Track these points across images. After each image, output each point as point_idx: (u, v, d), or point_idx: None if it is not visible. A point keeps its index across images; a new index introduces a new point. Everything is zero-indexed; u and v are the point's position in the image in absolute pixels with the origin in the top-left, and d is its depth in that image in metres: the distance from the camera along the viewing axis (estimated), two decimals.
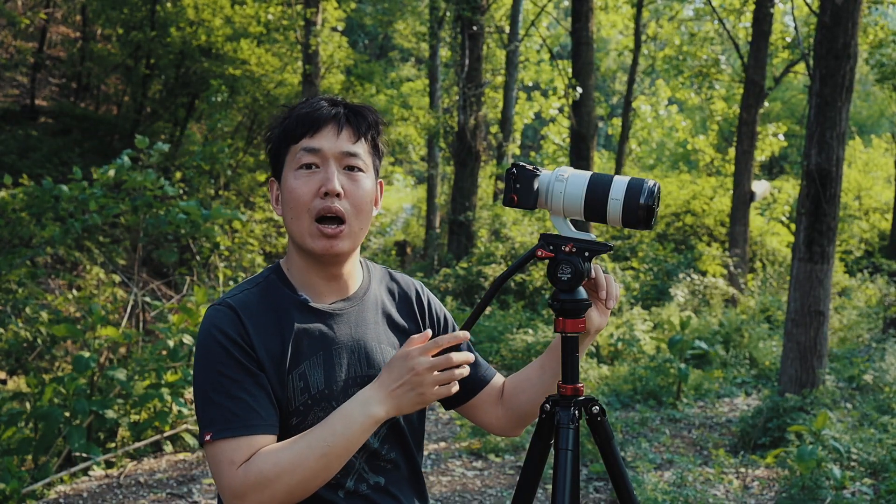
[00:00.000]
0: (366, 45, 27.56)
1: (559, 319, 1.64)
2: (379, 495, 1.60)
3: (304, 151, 1.51)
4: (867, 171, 20.08)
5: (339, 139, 1.52)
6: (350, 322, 1.60)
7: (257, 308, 1.52)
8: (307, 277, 1.59)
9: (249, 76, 14.03)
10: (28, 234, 6.74)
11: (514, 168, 1.59)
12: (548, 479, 4.41)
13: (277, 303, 1.55)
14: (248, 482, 1.38)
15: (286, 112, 1.59)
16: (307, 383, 1.52)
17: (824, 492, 4.29)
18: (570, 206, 1.58)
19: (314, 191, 1.51)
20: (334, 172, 1.51)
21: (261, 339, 1.49)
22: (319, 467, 1.40)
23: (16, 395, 5.26)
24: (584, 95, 9.49)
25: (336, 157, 1.52)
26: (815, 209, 6.08)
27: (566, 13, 22.05)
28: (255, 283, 1.58)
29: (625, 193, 1.54)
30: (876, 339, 9.30)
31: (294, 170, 1.52)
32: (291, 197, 1.52)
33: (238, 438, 1.41)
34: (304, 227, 1.52)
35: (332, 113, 1.53)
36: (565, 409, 1.64)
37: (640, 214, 1.54)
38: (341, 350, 1.57)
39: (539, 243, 1.61)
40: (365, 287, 1.65)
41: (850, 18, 5.99)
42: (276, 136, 1.57)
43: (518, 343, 9.06)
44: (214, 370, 1.46)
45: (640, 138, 20.79)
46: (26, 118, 14.70)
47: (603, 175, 1.58)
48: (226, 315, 1.50)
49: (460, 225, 13.48)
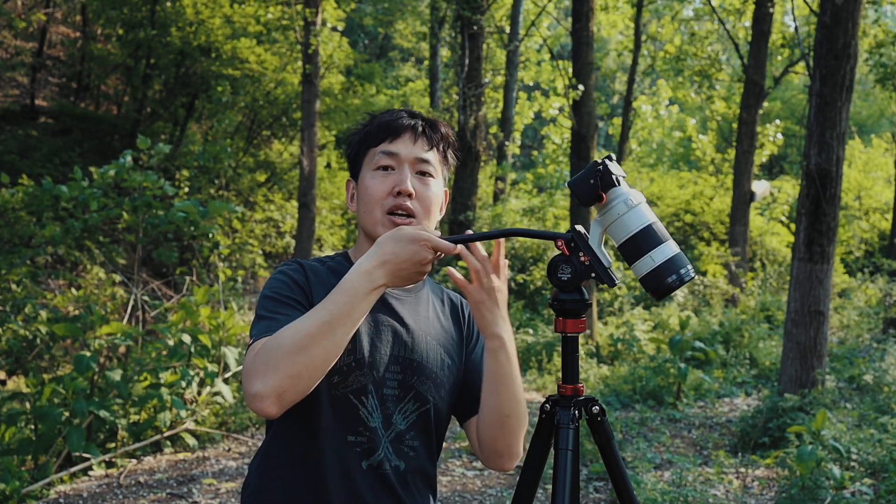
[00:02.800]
0: (366, 45, 27.55)
1: (559, 319, 1.64)
2: (398, 478, 1.65)
3: (383, 154, 1.67)
4: (867, 171, 20.07)
5: (414, 146, 1.68)
6: (404, 308, 1.71)
7: (323, 273, 1.67)
8: None
9: (250, 76, 14.03)
10: (28, 233, 6.74)
11: (601, 166, 1.59)
12: (548, 479, 4.41)
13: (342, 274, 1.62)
14: (256, 358, 1.44)
15: (368, 120, 1.75)
16: (354, 346, 1.61)
17: (824, 492, 4.29)
18: (614, 230, 1.59)
19: (388, 189, 1.65)
20: (408, 175, 1.66)
21: (318, 295, 1.61)
22: (320, 333, 1.43)
23: (16, 395, 5.25)
24: (585, 95, 9.48)
25: (411, 161, 1.67)
26: (815, 209, 6.07)
27: (566, 13, 22.05)
28: (323, 261, 1.73)
29: (662, 262, 1.55)
30: (876, 339, 9.30)
31: (372, 170, 1.67)
32: (367, 193, 1.66)
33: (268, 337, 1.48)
34: (377, 219, 1.65)
35: (411, 123, 1.69)
36: (565, 409, 1.64)
37: (660, 288, 1.55)
38: (391, 328, 1.68)
39: (566, 234, 1.62)
40: (421, 286, 1.78)
41: (851, 18, 5.99)
42: (357, 140, 1.73)
43: (518, 343, 9.07)
44: (269, 297, 1.60)
45: (641, 138, 20.79)
46: (26, 118, 14.70)
47: (660, 230, 1.57)
48: (294, 267, 1.66)
49: (460, 225, 13.48)
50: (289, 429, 1.62)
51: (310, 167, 11.98)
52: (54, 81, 17.04)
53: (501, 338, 1.62)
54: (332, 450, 1.59)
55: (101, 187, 6.30)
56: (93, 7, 14.66)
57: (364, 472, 1.61)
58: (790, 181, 18.87)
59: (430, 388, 1.69)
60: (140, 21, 13.82)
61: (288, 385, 1.41)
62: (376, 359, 1.63)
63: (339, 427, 1.59)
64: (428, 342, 1.71)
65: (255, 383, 1.41)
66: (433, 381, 1.69)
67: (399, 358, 1.66)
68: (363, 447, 1.61)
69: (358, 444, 1.61)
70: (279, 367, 1.41)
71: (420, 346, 1.69)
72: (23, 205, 6.56)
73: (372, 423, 1.61)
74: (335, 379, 1.59)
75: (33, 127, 14.33)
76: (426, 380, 1.68)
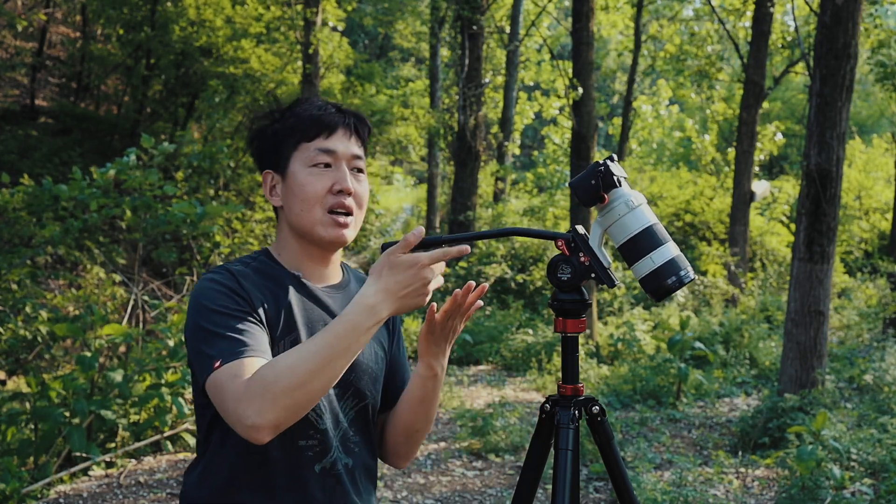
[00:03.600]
0: (366, 45, 27.56)
1: (559, 319, 1.64)
2: (348, 476, 1.66)
3: (320, 151, 1.64)
4: (867, 171, 20.07)
5: (349, 142, 1.67)
6: (337, 304, 1.69)
7: (253, 277, 1.62)
8: (300, 262, 1.68)
9: (250, 76, 14.03)
10: (28, 233, 6.74)
11: (603, 167, 1.59)
12: (548, 479, 4.41)
13: (273, 275, 1.64)
14: (250, 390, 1.40)
15: (282, 110, 1.70)
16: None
17: (824, 492, 4.29)
18: (614, 231, 1.59)
19: (327, 187, 1.63)
20: (346, 172, 1.65)
21: (257, 300, 1.57)
22: (320, 367, 1.41)
23: (16, 395, 5.25)
24: (585, 95, 9.48)
25: (347, 159, 1.66)
26: (815, 209, 6.07)
27: (566, 13, 22.05)
28: (246, 262, 1.67)
29: (662, 264, 1.55)
30: (876, 339, 9.30)
31: (307, 166, 1.64)
32: (304, 191, 1.63)
33: (242, 359, 1.45)
34: (316, 218, 1.63)
35: (344, 120, 1.68)
36: (565, 409, 1.64)
37: (660, 289, 1.55)
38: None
39: (566, 234, 1.62)
40: (347, 280, 1.77)
41: (851, 18, 5.99)
42: (280, 131, 1.67)
43: (518, 343, 9.07)
44: (216, 311, 1.52)
45: (641, 138, 20.79)
46: (26, 118, 14.70)
47: (661, 232, 1.58)
48: (226, 275, 1.59)
49: (460, 225, 13.48)
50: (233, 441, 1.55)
51: None
52: (54, 81, 17.04)
53: (436, 370, 1.68)
54: (283, 457, 1.57)
55: (101, 187, 6.30)
56: (93, 7, 14.66)
57: (317, 475, 1.60)
58: (790, 181, 18.87)
59: (367, 383, 1.70)
60: (140, 21, 13.82)
61: (286, 418, 1.41)
62: None
63: (290, 434, 1.54)
64: None
65: (251, 414, 1.38)
66: (369, 375, 1.70)
67: None
68: (315, 451, 1.60)
69: (309, 448, 1.59)
70: (277, 401, 1.38)
71: None
72: (23, 205, 6.56)
73: (322, 424, 1.60)
74: None
75: (33, 127, 14.33)
76: (363, 375, 1.68)
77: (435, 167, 17.70)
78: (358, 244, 20.15)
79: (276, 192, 1.68)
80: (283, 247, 1.69)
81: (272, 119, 1.69)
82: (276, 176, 1.67)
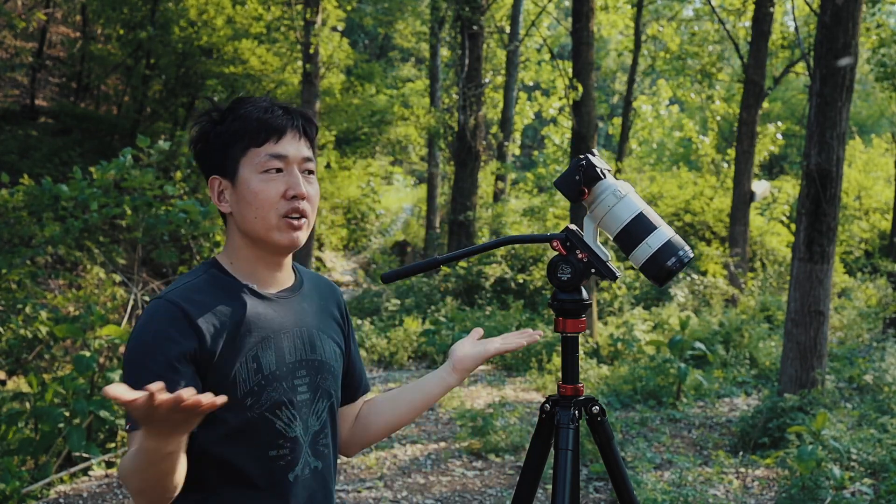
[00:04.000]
0: (366, 45, 27.55)
1: (559, 319, 1.64)
2: (317, 480, 1.67)
3: (270, 157, 1.60)
4: (867, 171, 20.06)
5: (299, 145, 1.64)
6: (294, 309, 1.68)
7: (203, 297, 1.58)
8: (253, 269, 1.66)
9: (251, 76, 14.03)
10: (28, 233, 6.74)
11: (585, 161, 1.59)
12: (548, 479, 4.41)
13: (224, 290, 1.62)
14: (122, 472, 1.46)
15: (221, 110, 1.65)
16: (260, 364, 1.59)
17: (824, 492, 4.29)
18: (607, 223, 1.59)
19: (281, 192, 1.60)
20: (299, 176, 1.62)
21: (207, 328, 1.54)
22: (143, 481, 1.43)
23: (16, 395, 5.25)
24: (585, 95, 9.48)
25: (298, 162, 1.63)
26: (815, 209, 6.07)
27: (566, 13, 22.04)
28: (196, 276, 1.64)
29: (660, 247, 1.55)
30: (876, 339, 9.30)
31: (259, 172, 1.60)
32: (258, 198, 1.60)
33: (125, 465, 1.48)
34: (272, 223, 1.60)
35: (292, 122, 1.64)
36: (565, 409, 1.64)
37: (661, 273, 1.55)
38: (289, 335, 1.65)
39: (560, 234, 1.62)
40: (300, 282, 1.75)
41: (851, 18, 5.99)
42: (225, 134, 1.63)
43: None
44: (142, 365, 1.51)
45: (641, 138, 20.79)
46: (26, 118, 14.70)
47: (653, 216, 1.58)
48: (164, 311, 1.54)
49: (460, 225, 13.48)
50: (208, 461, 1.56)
51: None
52: (54, 81, 17.04)
53: (462, 380, 1.77)
54: (258, 467, 1.58)
55: (101, 187, 6.30)
56: (93, 7, 14.66)
57: (291, 483, 1.61)
58: (790, 181, 18.86)
59: (331, 382, 1.71)
60: (140, 21, 13.82)
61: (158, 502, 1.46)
62: (283, 370, 1.61)
63: (259, 446, 1.57)
64: (321, 337, 1.71)
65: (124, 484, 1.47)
66: (332, 374, 1.71)
67: (303, 362, 1.65)
68: (286, 459, 1.60)
69: (281, 458, 1.60)
70: (135, 498, 1.46)
71: (317, 343, 1.69)
72: (23, 205, 6.55)
73: (291, 432, 1.61)
74: (248, 402, 1.57)
75: (33, 127, 14.33)
76: (328, 375, 1.69)
77: (435, 167, 17.71)
78: (358, 244, 20.15)
79: (224, 198, 1.64)
80: (235, 254, 1.66)
81: (213, 120, 1.64)
82: (225, 182, 1.63)
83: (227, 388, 1.54)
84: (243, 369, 1.57)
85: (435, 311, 10.71)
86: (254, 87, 14.37)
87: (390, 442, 6.00)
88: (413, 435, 6.24)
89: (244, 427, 1.56)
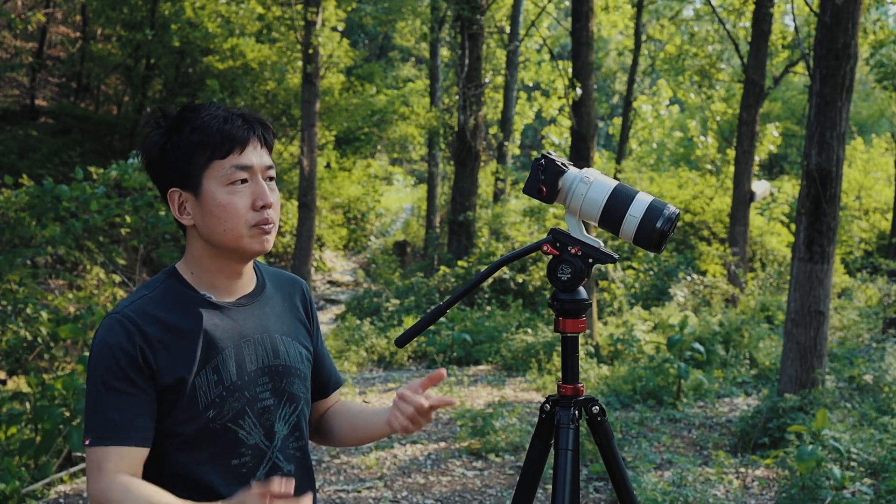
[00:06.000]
0: (366, 45, 27.55)
1: (559, 319, 1.64)
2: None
3: (236, 168, 1.59)
4: (867, 171, 20.05)
5: (261, 153, 1.63)
6: (254, 315, 1.67)
7: (159, 311, 1.58)
8: (214, 278, 1.65)
9: (249, 72, 14.03)
10: (29, 234, 6.74)
11: (543, 159, 1.59)
12: (548, 479, 4.41)
13: (181, 303, 1.61)
14: (102, 498, 1.48)
15: (173, 117, 1.61)
16: (220, 376, 1.59)
17: (824, 492, 4.29)
18: (587, 210, 1.58)
19: (249, 204, 1.60)
20: (264, 185, 1.61)
21: (163, 342, 1.55)
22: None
23: (16, 395, 5.25)
24: (584, 95, 9.48)
25: (262, 171, 1.62)
26: (815, 209, 6.08)
27: (566, 13, 22.04)
28: (152, 288, 1.63)
29: (644, 213, 1.54)
30: (876, 339, 9.30)
31: (224, 185, 1.59)
32: (226, 211, 1.59)
33: (109, 448, 1.50)
34: (241, 234, 1.59)
35: (254, 130, 1.63)
36: (565, 409, 1.64)
37: (654, 238, 1.54)
38: (249, 342, 1.64)
39: (547, 238, 1.62)
40: (262, 284, 1.74)
41: (850, 18, 5.99)
42: (184, 146, 1.59)
43: (518, 343, 9.07)
44: (101, 380, 1.53)
45: (641, 138, 20.78)
46: (26, 118, 14.71)
47: (627, 188, 1.58)
48: (120, 327, 1.55)
49: (460, 225, 13.48)
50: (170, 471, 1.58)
51: (310, 167, 11.99)
52: (54, 81, 17.04)
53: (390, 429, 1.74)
54: (220, 478, 1.58)
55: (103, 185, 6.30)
56: (93, 7, 14.67)
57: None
58: (790, 181, 18.86)
59: (299, 385, 1.71)
60: (140, 21, 13.83)
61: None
62: (245, 379, 1.61)
63: (221, 455, 1.58)
64: (285, 341, 1.70)
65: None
66: (299, 377, 1.70)
67: (265, 368, 1.65)
68: (247, 466, 1.61)
69: (243, 466, 1.60)
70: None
71: (280, 349, 1.68)
72: (24, 205, 6.56)
73: (251, 440, 1.61)
74: (210, 414, 1.57)
75: (33, 127, 14.33)
76: (294, 379, 1.69)
77: (435, 167, 17.70)
78: (358, 244, 20.15)
79: (185, 210, 1.62)
80: (196, 265, 1.65)
81: (167, 130, 1.60)
82: (186, 194, 1.61)
83: (187, 401, 1.55)
84: (203, 381, 1.57)
85: None
86: (253, 85, 14.37)
87: (390, 442, 6.00)
88: (413, 435, 6.24)
89: (204, 438, 1.56)
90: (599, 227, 1.60)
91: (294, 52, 13.74)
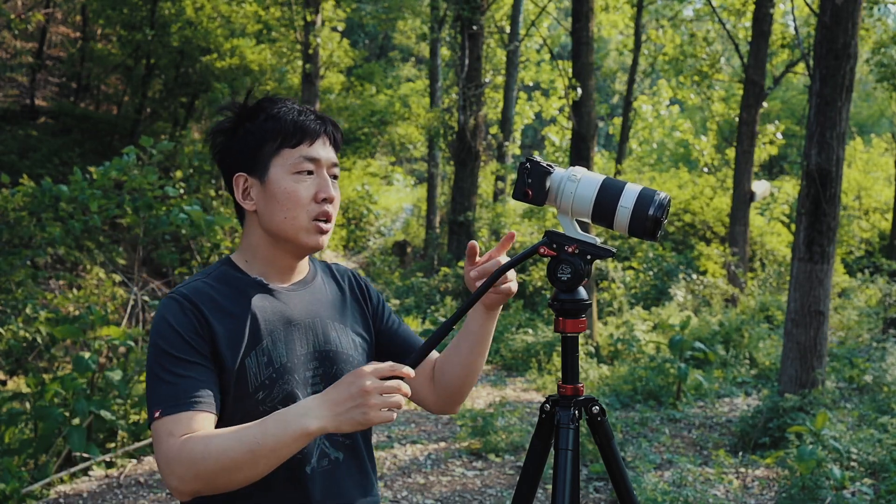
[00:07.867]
0: (366, 45, 27.56)
1: (559, 319, 1.64)
2: (340, 471, 1.66)
3: (304, 159, 1.64)
4: (867, 171, 20.05)
5: (329, 150, 1.68)
6: (306, 300, 1.70)
7: (213, 293, 1.61)
8: (270, 268, 1.68)
9: (250, 72, 14.03)
10: (28, 234, 6.74)
11: (528, 162, 1.60)
12: (548, 479, 4.41)
13: (234, 286, 1.64)
14: (179, 456, 1.45)
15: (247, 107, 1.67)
16: (270, 358, 1.60)
17: (824, 492, 4.29)
18: (578, 208, 1.58)
19: (312, 194, 1.64)
20: (329, 180, 1.66)
21: (218, 321, 1.57)
22: (243, 461, 1.43)
23: (16, 395, 5.25)
24: (584, 95, 9.48)
25: (328, 166, 1.67)
26: (815, 209, 6.07)
27: (566, 13, 22.04)
28: (207, 273, 1.67)
29: (635, 202, 1.54)
30: (876, 339, 9.29)
31: (291, 173, 1.63)
32: (290, 198, 1.63)
33: (180, 414, 1.48)
34: (301, 225, 1.63)
35: (325, 127, 1.68)
36: (565, 409, 1.64)
37: (648, 226, 1.54)
38: (300, 326, 1.67)
39: (543, 240, 1.62)
40: (313, 273, 1.77)
41: (850, 18, 5.99)
42: (257, 132, 1.64)
43: (518, 343, 9.07)
44: (165, 353, 1.53)
45: (641, 138, 20.79)
46: (26, 118, 14.71)
47: (615, 181, 1.58)
48: (179, 305, 1.57)
49: (460, 225, 13.47)
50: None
51: None
52: (54, 81, 17.04)
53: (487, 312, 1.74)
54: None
55: (102, 187, 6.30)
56: (93, 7, 14.67)
57: (310, 476, 1.61)
58: (790, 181, 18.86)
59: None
60: (140, 21, 13.83)
61: (206, 491, 1.46)
62: (294, 362, 1.63)
63: None
64: (337, 327, 1.72)
65: (174, 480, 1.44)
66: (352, 364, 1.70)
67: (315, 353, 1.66)
68: (302, 452, 1.59)
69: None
70: (199, 477, 1.43)
71: (331, 335, 1.70)
72: (23, 205, 6.56)
73: None
74: (260, 396, 1.58)
75: (33, 127, 14.33)
76: (345, 365, 1.69)
77: (435, 167, 17.71)
78: (357, 244, 20.15)
79: (249, 195, 1.65)
80: (253, 253, 1.68)
81: (241, 116, 1.66)
82: (252, 179, 1.65)
83: (237, 382, 1.56)
84: (253, 362, 1.58)
85: (435, 310, 10.71)
86: (253, 85, 14.37)
87: (390, 442, 6.00)
88: (413, 435, 6.24)
89: (254, 420, 1.54)
90: (593, 223, 1.60)
91: (294, 52, 13.75)
